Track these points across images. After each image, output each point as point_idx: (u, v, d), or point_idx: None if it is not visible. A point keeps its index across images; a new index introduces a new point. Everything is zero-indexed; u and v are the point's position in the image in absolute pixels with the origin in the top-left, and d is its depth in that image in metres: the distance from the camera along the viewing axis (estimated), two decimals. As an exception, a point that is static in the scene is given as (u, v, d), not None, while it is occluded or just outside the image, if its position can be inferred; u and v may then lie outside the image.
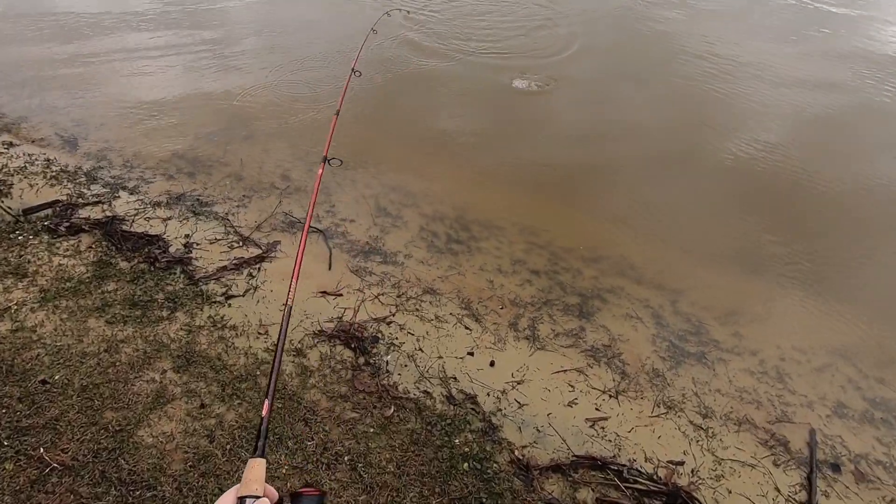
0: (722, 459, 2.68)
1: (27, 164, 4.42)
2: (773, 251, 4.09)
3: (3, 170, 4.28)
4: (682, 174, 4.93)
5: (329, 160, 2.54)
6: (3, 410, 2.44)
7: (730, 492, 2.53)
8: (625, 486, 2.45)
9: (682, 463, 2.64)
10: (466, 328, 3.29)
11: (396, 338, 3.16)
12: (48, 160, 4.53)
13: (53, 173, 4.34)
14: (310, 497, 0.90)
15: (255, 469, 0.90)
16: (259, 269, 3.58)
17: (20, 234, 3.61)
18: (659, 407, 2.93)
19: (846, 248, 4.19)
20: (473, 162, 4.96)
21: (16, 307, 3.02)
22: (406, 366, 2.99)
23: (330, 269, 3.67)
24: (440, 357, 3.07)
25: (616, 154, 5.11)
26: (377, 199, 4.43)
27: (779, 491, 2.56)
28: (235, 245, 3.77)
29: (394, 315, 3.32)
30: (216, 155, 4.79)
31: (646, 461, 2.64)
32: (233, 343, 2.98)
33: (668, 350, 3.31)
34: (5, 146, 4.67)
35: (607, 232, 4.33)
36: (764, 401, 3.06)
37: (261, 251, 3.74)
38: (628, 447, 2.70)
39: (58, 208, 3.94)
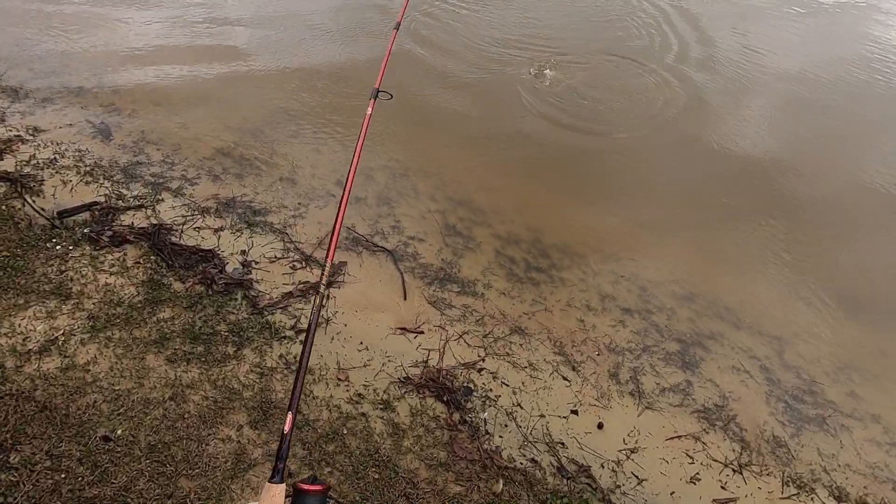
0: (868, 555, 2.39)
1: (57, 156, 3.97)
2: (883, 292, 3.76)
3: (32, 161, 3.84)
4: (769, 195, 4.54)
5: (379, 93, 2.16)
6: (64, 475, 2.09)
7: None
8: (774, 592, 2.15)
9: (827, 560, 2.35)
10: (564, 378, 2.96)
11: (490, 389, 2.82)
12: (80, 151, 4.08)
13: (87, 168, 3.91)
14: (314, 495, 0.83)
15: (276, 498, 0.80)
16: (328, 296, 3.21)
17: (58, 244, 3.20)
18: (788, 486, 2.62)
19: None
20: (541, 174, 4.55)
21: (63, 338, 2.64)
22: (506, 426, 2.66)
23: (405, 299, 3.30)
24: (542, 416, 2.73)
25: (698, 171, 4.72)
26: (444, 216, 4.04)
27: None
28: (298, 265, 3.39)
29: (483, 360, 2.97)
30: (264, 155, 4.35)
31: (787, 556, 2.34)
32: (311, 391, 2.63)
33: (786, 413, 2.99)
34: (31, 132, 4.20)
35: (696, 263, 3.97)
36: (898, 480, 2.76)
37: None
38: (765, 538, 2.40)
39: (96, 212, 3.53)
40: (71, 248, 3.18)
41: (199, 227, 3.54)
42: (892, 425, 3.02)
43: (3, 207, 3.36)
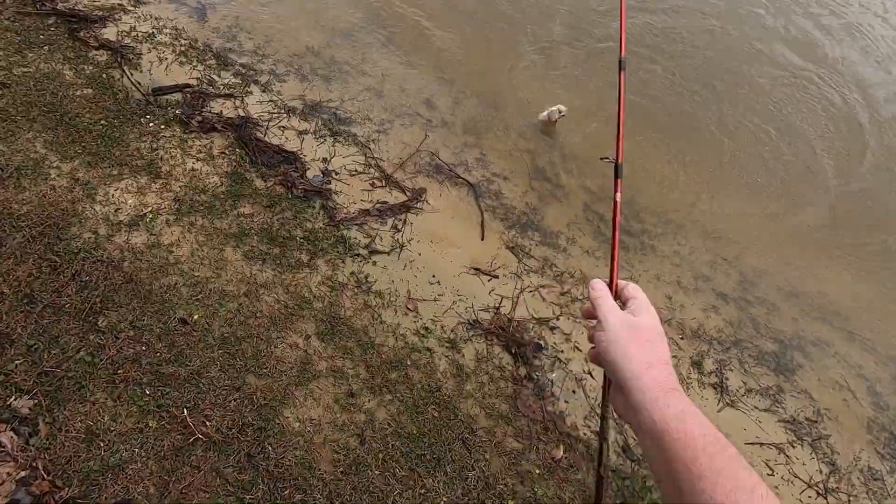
0: None
1: (155, 31, 3.89)
2: None
3: (132, 34, 3.78)
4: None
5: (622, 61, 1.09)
6: (145, 348, 2.15)
7: None
8: None
9: None
10: (642, 356, 2.72)
11: (562, 350, 2.64)
12: (176, 30, 3.98)
13: (182, 48, 3.81)
14: None
15: None
16: (404, 221, 3.06)
17: (151, 121, 3.19)
18: (877, 523, 2.36)
19: None
20: (653, 131, 4.05)
21: (151, 215, 2.66)
22: (574, 392, 2.50)
23: (483, 239, 3.10)
24: (613, 389, 2.54)
25: (833, 151, 4.05)
26: (533, 157, 3.70)
27: None
28: (377, 184, 3.23)
29: (558, 319, 2.77)
30: (353, 60, 4.09)
31: None
32: (379, 315, 2.55)
33: (889, 445, 2.65)
34: (133, 2, 4.13)
35: (811, 257, 3.49)
36: None
37: (406, 198, 3.19)
38: (840, 570, 2.18)
39: (188, 94, 3.47)
40: (163, 126, 3.16)
41: (283, 127, 3.43)
42: None
43: (104, 76, 3.35)
